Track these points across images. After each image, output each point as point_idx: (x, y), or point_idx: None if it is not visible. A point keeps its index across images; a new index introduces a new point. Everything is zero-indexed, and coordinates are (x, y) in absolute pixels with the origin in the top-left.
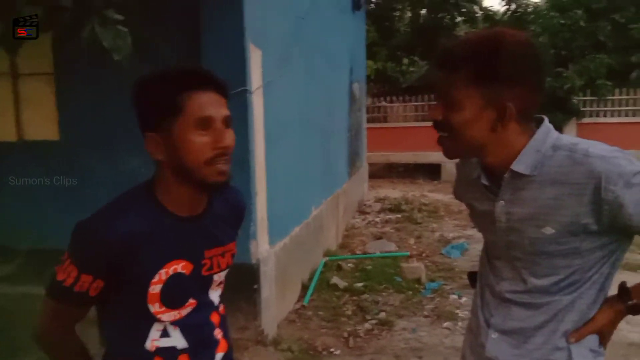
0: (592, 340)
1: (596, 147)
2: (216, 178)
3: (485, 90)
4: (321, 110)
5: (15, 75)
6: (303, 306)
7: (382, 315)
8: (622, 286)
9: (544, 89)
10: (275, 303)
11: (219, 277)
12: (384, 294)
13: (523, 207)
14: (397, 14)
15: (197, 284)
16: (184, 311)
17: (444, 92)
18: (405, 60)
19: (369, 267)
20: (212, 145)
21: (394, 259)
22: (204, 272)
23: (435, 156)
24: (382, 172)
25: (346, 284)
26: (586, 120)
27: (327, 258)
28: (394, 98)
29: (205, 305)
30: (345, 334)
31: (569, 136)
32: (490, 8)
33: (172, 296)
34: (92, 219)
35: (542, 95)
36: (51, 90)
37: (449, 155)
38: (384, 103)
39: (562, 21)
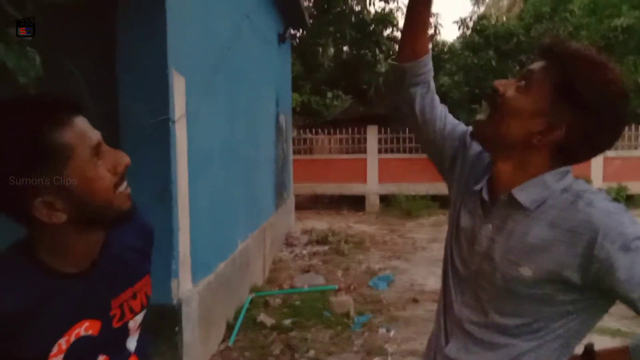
0: None
1: (603, 200)
2: (125, 203)
3: (557, 98)
4: (247, 141)
5: None
6: (228, 347)
7: (312, 353)
8: (588, 348)
9: (606, 145)
10: (199, 345)
11: (135, 322)
12: (313, 330)
13: (508, 238)
14: (321, 49)
15: (110, 340)
16: None
17: (526, 75)
18: (329, 94)
19: (297, 302)
20: (114, 170)
21: (323, 293)
22: (116, 324)
23: (359, 187)
24: (308, 204)
25: (274, 321)
26: None
27: (254, 294)
28: (319, 130)
29: (120, 357)
30: None
31: (583, 183)
32: None
33: None
34: None
35: (600, 149)
36: None
37: (478, 133)
38: (309, 135)
39: (475, 61)
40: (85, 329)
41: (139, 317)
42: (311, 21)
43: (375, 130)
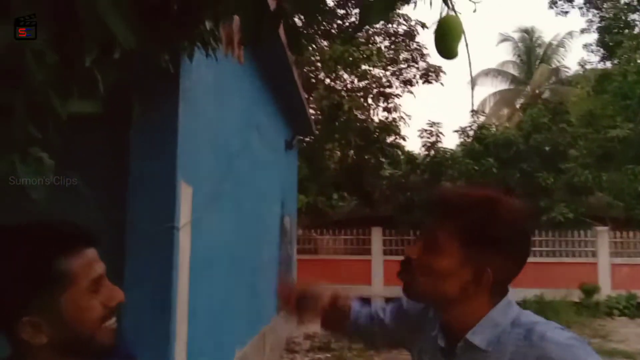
0: None
1: (554, 332)
2: (109, 339)
3: (470, 248)
4: (250, 245)
5: None
6: None
7: None
8: None
9: (524, 263)
10: None
11: None
12: None
13: None
14: (328, 153)
15: None
16: None
17: (430, 234)
18: (335, 195)
19: None
20: (105, 304)
21: None
22: None
23: (364, 289)
24: None
25: None
26: None
27: None
28: (324, 230)
29: None
30: None
31: (530, 313)
32: (412, 152)
33: None
34: None
35: (521, 268)
36: None
37: (409, 295)
38: (314, 235)
39: (476, 167)
40: None
41: None
42: (318, 127)
43: (380, 231)
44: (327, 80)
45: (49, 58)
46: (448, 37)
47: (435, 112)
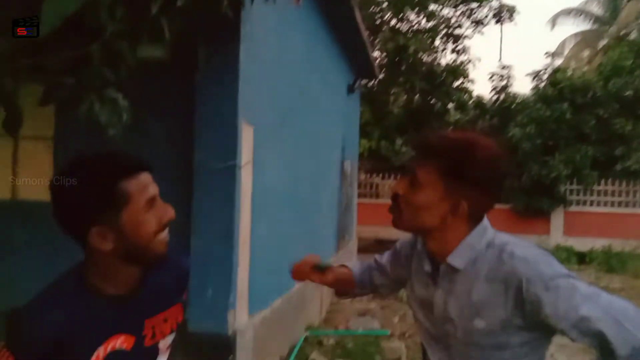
0: None
1: (522, 250)
2: (162, 249)
3: (447, 184)
4: (309, 186)
5: (17, 137)
6: None
7: None
8: None
9: (499, 198)
10: None
11: (165, 343)
12: None
13: (457, 299)
14: (392, 97)
15: (141, 356)
16: None
17: (413, 172)
18: (399, 140)
19: (350, 344)
20: (158, 221)
21: (376, 338)
22: (148, 343)
23: None
24: (372, 247)
25: None
26: (573, 208)
27: (308, 333)
28: (387, 175)
29: None
30: None
31: (504, 235)
32: (480, 97)
33: None
34: (24, 313)
35: (496, 202)
36: (49, 154)
37: (396, 226)
38: (376, 179)
39: (548, 113)
40: (120, 342)
41: (169, 339)
42: (383, 71)
43: None
44: (393, 22)
45: (119, 11)
46: None
47: (507, 54)
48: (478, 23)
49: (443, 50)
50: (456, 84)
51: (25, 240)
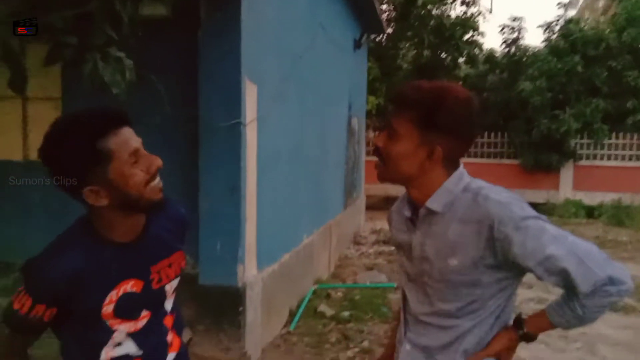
0: None
1: (496, 193)
2: (157, 196)
3: (423, 132)
4: (315, 143)
5: (26, 98)
6: (289, 332)
7: (365, 344)
8: (517, 317)
9: (472, 142)
10: (261, 327)
11: (171, 286)
12: (369, 323)
13: (434, 240)
14: (401, 53)
15: (150, 298)
16: (140, 323)
17: (390, 124)
18: None
19: (358, 296)
20: (146, 171)
21: (383, 290)
22: (155, 286)
23: None
24: (381, 204)
25: (333, 312)
26: (583, 162)
27: (317, 286)
28: None
29: (160, 314)
30: None
31: (480, 180)
32: (491, 50)
33: (125, 312)
34: (39, 258)
35: (469, 146)
36: (58, 114)
37: (380, 178)
38: None
39: (559, 66)
40: (130, 286)
41: (174, 283)
42: (391, 25)
43: None
44: None
45: None
46: None
47: (518, 6)
48: None
49: (452, 2)
50: (466, 37)
51: (39, 200)
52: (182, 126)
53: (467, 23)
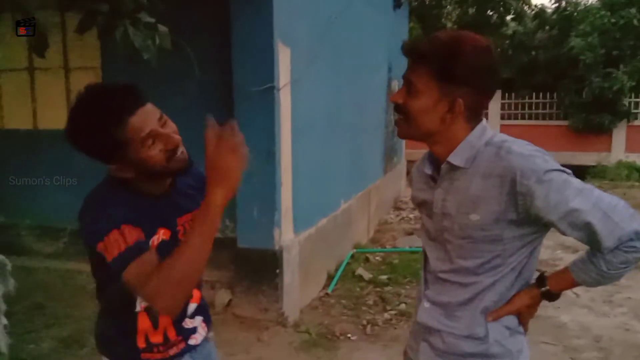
0: (511, 319)
1: (519, 146)
2: (181, 165)
3: (442, 85)
4: (351, 107)
5: (67, 69)
6: (327, 294)
7: (402, 306)
8: (540, 274)
9: (493, 93)
10: (298, 289)
11: None
12: (407, 287)
13: (456, 195)
14: (445, 11)
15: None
16: None
17: (408, 79)
18: None
19: (396, 261)
20: (165, 148)
21: (421, 254)
22: (181, 237)
23: None
24: None
25: (371, 275)
26: (637, 123)
27: (355, 250)
28: None
29: None
30: (364, 322)
31: (503, 135)
32: (539, 5)
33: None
34: (93, 196)
35: (490, 98)
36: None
37: (401, 135)
38: None
39: (613, 20)
40: (163, 234)
41: None
42: None
43: (499, 95)
44: None
45: None
46: None
47: None
48: None
49: None
50: None
51: (85, 167)
52: (217, 91)
53: None
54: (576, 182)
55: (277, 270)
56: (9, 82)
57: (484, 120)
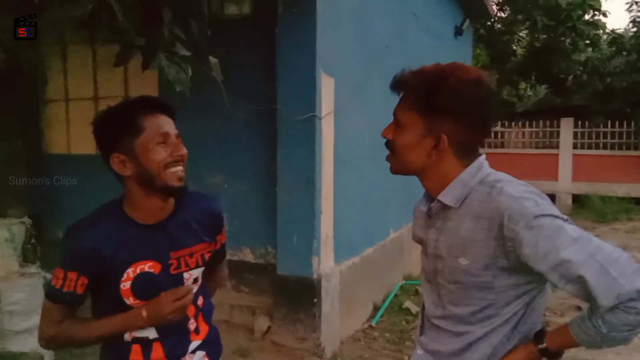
0: None
1: (512, 187)
2: (175, 182)
3: (426, 120)
4: None
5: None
6: (371, 326)
7: None
8: (539, 329)
9: (487, 128)
10: (338, 319)
11: (190, 275)
12: None
13: (448, 236)
14: (516, 37)
15: (168, 282)
16: None
17: (394, 114)
18: (522, 84)
19: None
20: (170, 154)
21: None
22: (173, 271)
23: (549, 185)
24: None
25: (418, 309)
26: None
27: (404, 282)
28: (509, 122)
29: None
30: (406, 358)
31: (501, 174)
32: (616, 30)
33: (141, 291)
34: (74, 226)
35: (483, 133)
36: None
37: (392, 171)
38: (498, 127)
39: None
40: (148, 266)
41: (195, 272)
42: (505, 8)
43: (571, 123)
44: None
45: None
46: None
47: None
48: None
49: None
50: (586, 17)
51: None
52: (263, 120)
53: (585, 2)
54: (572, 229)
55: (315, 299)
56: (76, 110)
57: (483, 156)
